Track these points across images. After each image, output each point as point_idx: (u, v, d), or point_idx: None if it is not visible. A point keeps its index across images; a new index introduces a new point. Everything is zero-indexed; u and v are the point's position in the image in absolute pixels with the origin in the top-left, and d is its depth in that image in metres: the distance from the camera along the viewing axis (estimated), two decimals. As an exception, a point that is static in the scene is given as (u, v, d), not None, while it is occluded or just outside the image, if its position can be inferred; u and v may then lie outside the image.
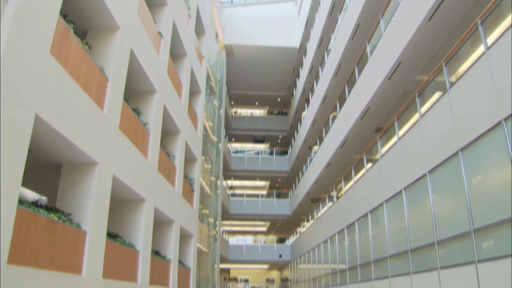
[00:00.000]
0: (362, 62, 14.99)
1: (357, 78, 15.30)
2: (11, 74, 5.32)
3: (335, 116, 18.63)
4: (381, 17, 13.00)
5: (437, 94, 9.38)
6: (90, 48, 8.20)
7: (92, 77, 7.94)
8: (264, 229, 42.09)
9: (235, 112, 38.83)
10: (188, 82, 16.48)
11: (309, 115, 25.17)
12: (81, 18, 8.65)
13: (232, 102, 36.96)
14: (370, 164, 13.90)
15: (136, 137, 10.39)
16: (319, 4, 23.50)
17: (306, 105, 26.79)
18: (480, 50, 7.54)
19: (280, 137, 37.95)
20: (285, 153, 35.88)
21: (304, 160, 27.82)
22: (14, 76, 5.38)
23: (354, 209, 14.92)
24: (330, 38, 20.36)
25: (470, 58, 8.16)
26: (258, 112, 39.68)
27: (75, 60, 7.31)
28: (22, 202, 5.80)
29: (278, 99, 37.22)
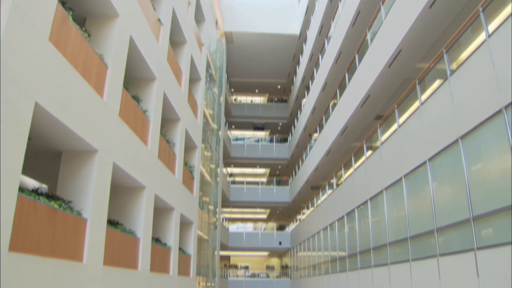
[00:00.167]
0: (362, 49, 14.90)
1: (357, 66, 15.23)
2: (11, 62, 5.29)
3: (335, 103, 18.59)
4: (381, 4, 12.88)
5: (437, 82, 9.33)
6: (89, 35, 8.14)
7: (91, 64, 7.90)
8: (264, 216, 42.29)
9: (235, 99, 38.72)
10: (188, 69, 16.41)
11: (309, 103, 25.10)
12: (80, 5, 8.56)
13: (232, 90, 36.82)
14: (370, 151, 13.90)
15: (136, 124, 10.38)
16: (320, -10, 23.27)
17: (306, 92, 26.71)
18: (481, 38, 7.48)
19: (280, 124, 37.91)
20: (285, 140, 35.86)
21: (304, 147, 27.84)
22: (13, 63, 5.35)
23: (354, 196, 14.97)
24: (331, 25, 20.21)
25: (471, 46, 8.09)
26: (258, 99, 39.56)
27: (74, 47, 7.26)
28: (22, 190, 5.82)
29: (278, 87, 37.10)
